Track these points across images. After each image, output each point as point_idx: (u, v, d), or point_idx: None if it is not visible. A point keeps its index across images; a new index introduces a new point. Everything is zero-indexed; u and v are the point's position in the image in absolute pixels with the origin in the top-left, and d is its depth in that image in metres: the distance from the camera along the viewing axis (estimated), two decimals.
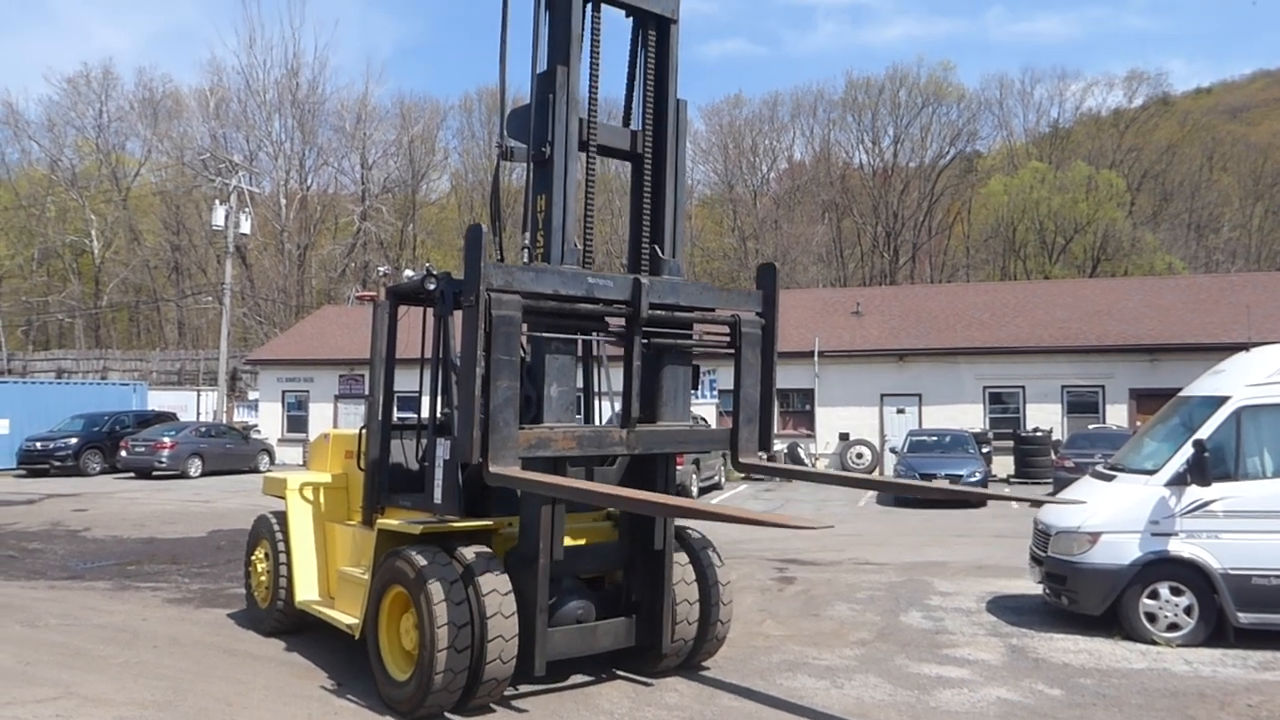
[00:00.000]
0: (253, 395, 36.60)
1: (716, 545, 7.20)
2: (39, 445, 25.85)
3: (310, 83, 55.18)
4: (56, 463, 25.47)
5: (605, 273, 6.39)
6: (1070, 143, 55.31)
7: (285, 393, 31.78)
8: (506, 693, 6.20)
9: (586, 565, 6.61)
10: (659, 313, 6.34)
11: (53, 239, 53.60)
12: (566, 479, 5.90)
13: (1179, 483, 7.72)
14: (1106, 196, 47.25)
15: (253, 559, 8.35)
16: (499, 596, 5.79)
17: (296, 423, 31.16)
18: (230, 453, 26.85)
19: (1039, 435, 23.02)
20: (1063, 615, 8.40)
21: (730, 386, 6.89)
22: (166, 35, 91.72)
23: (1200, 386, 8.76)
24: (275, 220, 51.94)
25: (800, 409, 26.83)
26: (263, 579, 8.15)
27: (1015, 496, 7.99)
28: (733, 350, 6.70)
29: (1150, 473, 7.99)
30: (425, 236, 56.97)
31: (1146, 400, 22.77)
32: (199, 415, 34.87)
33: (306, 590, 7.64)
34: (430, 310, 6.52)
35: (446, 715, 5.90)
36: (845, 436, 26.04)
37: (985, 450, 21.88)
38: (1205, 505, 7.63)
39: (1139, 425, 20.23)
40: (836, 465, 25.54)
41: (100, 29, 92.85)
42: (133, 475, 25.16)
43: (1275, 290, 26.42)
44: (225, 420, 32.61)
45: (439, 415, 6.50)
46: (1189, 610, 7.66)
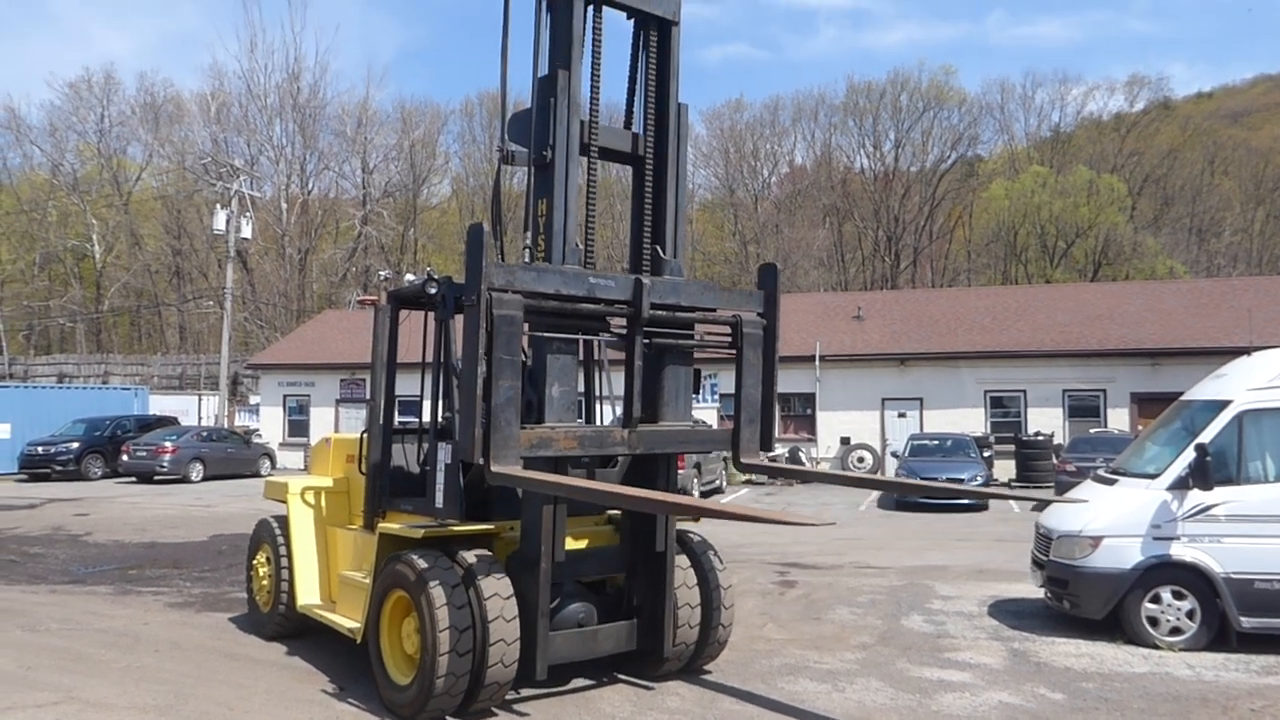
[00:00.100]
0: (254, 399, 36.63)
1: (718, 549, 7.19)
2: (40, 450, 25.84)
3: (311, 87, 55.49)
4: (58, 467, 25.47)
5: (607, 273, 6.39)
6: (1071, 147, 55.39)
7: (286, 397, 31.79)
8: (508, 696, 6.20)
9: (588, 569, 6.59)
10: (660, 313, 6.33)
11: (54, 244, 53.72)
12: (568, 478, 5.89)
13: (1181, 487, 7.71)
14: (1108, 201, 47.31)
15: (254, 563, 8.35)
16: (500, 600, 5.79)
17: (298, 427, 31.17)
18: (232, 457, 26.87)
19: (1040, 439, 22.98)
20: (1064, 619, 8.39)
21: (731, 390, 6.88)
22: (168, 40, 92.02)
23: (1202, 391, 8.75)
24: (276, 225, 52.04)
25: (801, 413, 26.83)
26: (264, 583, 8.15)
27: (1018, 495, 7.96)
28: (734, 350, 6.69)
29: (1152, 477, 7.99)
30: (426, 241, 57.06)
31: (1148, 404, 22.75)
32: (200, 420, 34.88)
33: (308, 594, 7.63)
34: (431, 314, 6.52)
35: (448, 719, 5.89)
36: (846, 440, 26.05)
37: (986, 454, 21.89)
38: (1207, 509, 7.62)
39: (1140, 429, 20.23)
40: (837, 469, 25.49)
41: (102, 33, 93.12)
42: (134, 480, 25.19)
43: (1276, 294, 26.42)
44: (227, 425, 32.58)
45: (440, 419, 6.50)
46: (1191, 614, 7.65)
